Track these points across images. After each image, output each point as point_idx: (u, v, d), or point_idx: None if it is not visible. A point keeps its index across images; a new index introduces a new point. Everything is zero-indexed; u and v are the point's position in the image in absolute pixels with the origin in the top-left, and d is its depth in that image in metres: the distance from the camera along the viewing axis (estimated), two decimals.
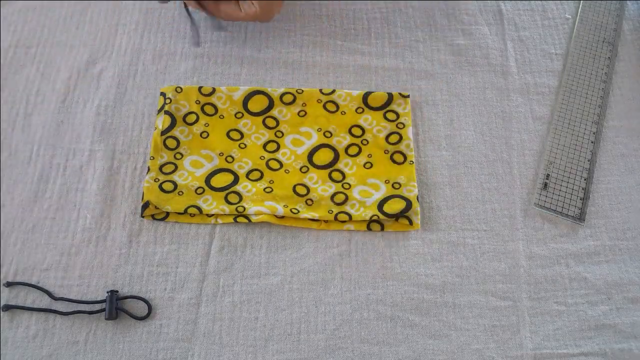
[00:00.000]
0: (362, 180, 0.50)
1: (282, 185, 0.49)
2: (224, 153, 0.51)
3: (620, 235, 0.49)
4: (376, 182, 0.50)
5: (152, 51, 0.56)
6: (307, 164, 0.51)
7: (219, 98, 0.52)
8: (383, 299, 0.46)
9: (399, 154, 0.51)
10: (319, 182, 0.50)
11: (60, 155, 0.51)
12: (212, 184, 0.49)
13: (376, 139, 0.52)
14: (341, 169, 0.51)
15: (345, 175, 0.50)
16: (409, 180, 0.50)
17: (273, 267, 0.47)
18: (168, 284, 0.46)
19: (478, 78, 0.56)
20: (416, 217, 0.48)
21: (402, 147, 0.51)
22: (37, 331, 0.44)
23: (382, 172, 0.50)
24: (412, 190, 0.49)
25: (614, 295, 0.47)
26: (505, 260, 0.48)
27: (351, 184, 0.50)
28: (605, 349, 0.45)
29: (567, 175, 0.51)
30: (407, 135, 0.51)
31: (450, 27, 0.59)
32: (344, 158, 0.51)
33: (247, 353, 0.44)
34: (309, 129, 0.52)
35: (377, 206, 0.48)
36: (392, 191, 0.49)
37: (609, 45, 0.58)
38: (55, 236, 0.48)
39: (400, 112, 0.53)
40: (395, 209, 0.47)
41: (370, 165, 0.51)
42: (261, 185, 0.49)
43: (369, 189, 0.50)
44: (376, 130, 0.52)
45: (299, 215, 0.47)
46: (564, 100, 0.55)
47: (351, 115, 0.52)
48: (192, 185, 0.49)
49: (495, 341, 0.45)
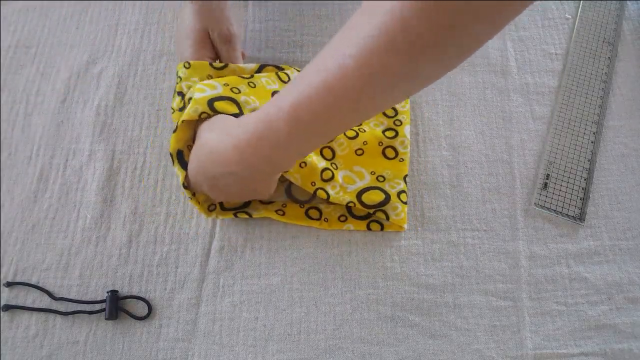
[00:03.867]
0: (349, 165, 0.50)
1: None
2: (229, 84, 0.48)
3: (620, 235, 0.49)
4: (362, 171, 0.50)
5: (152, 51, 0.56)
6: None
7: (232, 71, 0.51)
8: (383, 299, 0.46)
9: (391, 149, 0.51)
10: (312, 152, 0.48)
11: (60, 155, 0.51)
12: (216, 108, 0.45)
13: (374, 130, 0.51)
14: (333, 148, 0.50)
15: (335, 155, 0.50)
16: (394, 177, 0.49)
17: (273, 267, 0.47)
18: (168, 284, 0.46)
19: (478, 78, 0.56)
20: (394, 213, 0.47)
21: (396, 143, 0.51)
22: (37, 331, 0.44)
23: (371, 163, 0.50)
24: (395, 186, 0.49)
25: (614, 295, 0.47)
26: (505, 260, 0.48)
27: (338, 165, 0.49)
28: (605, 349, 0.45)
29: (567, 175, 0.51)
30: (403, 132, 0.51)
31: None
32: (340, 137, 0.50)
33: (247, 353, 0.44)
34: None
35: (356, 194, 0.48)
36: (375, 183, 0.49)
37: (609, 45, 0.58)
38: (55, 236, 0.48)
39: (399, 109, 0.52)
40: (372, 200, 0.47)
41: (362, 152, 0.50)
42: None
43: (354, 176, 0.49)
44: (373, 125, 0.52)
45: (287, 174, 0.46)
46: (564, 100, 0.55)
47: None
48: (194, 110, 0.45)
49: (495, 341, 0.45)
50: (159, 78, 0.55)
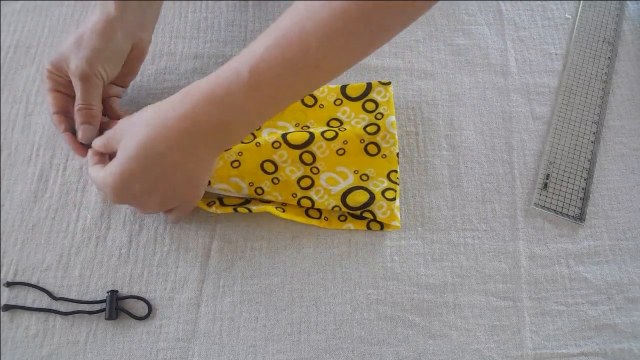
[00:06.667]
0: (331, 166, 0.49)
1: (252, 159, 0.48)
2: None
3: (620, 235, 0.49)
4: (345, 171, 0.49)
5: (152, 51, 0.56)
6: (281, 140, 0.49)
7: None
8: (383, 299, 0.46)
9: (374, 146, 0.50)
10: (289, 161, 0.49)
11: (60, 155, 0.51)
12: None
13: (354, 128, 0.51)
14: (313, 151, 0.49)
15: (316, 158, 0.49)
16: (377, 175, 0.49)
17: (273, 267, 0.47)
18: (168, 284, 0.46)
19: (478, 78, 0.56)
20: (380, 212, 0.47)
21: (377, 138, 0.50)
22: (37, 331, 0.44)
23: (353, 162, 0.50)
24: (379, 185, 0.48)
25: (614, 295, 0.47)
26: (505, 260, 0.48)
27: (320, 168, 0.49)
28: (605, 349, 0.45)
29: (567, 175, 0.51)
30: (385, 126, 0.50)
31: (450, 27, 0.59)
32: (319, 140, 0.49)
33: (247, 353, 0.44)
34: (286, 124, 0.51)
35: (340, 197, 0.48)
36: (359, 182, 0.49)
37: (609, 45, 0.58)
38: (55, 236, 0.48)
39: (380, 100, 0.52)
40: (357, 202, 0.47)
41: (343, 152, 0.50)
42: (229, 158, 0.48)
43: (337, 177, 0.49)
44: (354, 122, 0.51)
45: (263, 195, 0.47)
46: (564, 100, 0.55)
47: (329, 108, 0.52)
48: None
49: (495, 341, 0.45)
50: (159, 78, 0.55)
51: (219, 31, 0.58)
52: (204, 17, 0.58)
